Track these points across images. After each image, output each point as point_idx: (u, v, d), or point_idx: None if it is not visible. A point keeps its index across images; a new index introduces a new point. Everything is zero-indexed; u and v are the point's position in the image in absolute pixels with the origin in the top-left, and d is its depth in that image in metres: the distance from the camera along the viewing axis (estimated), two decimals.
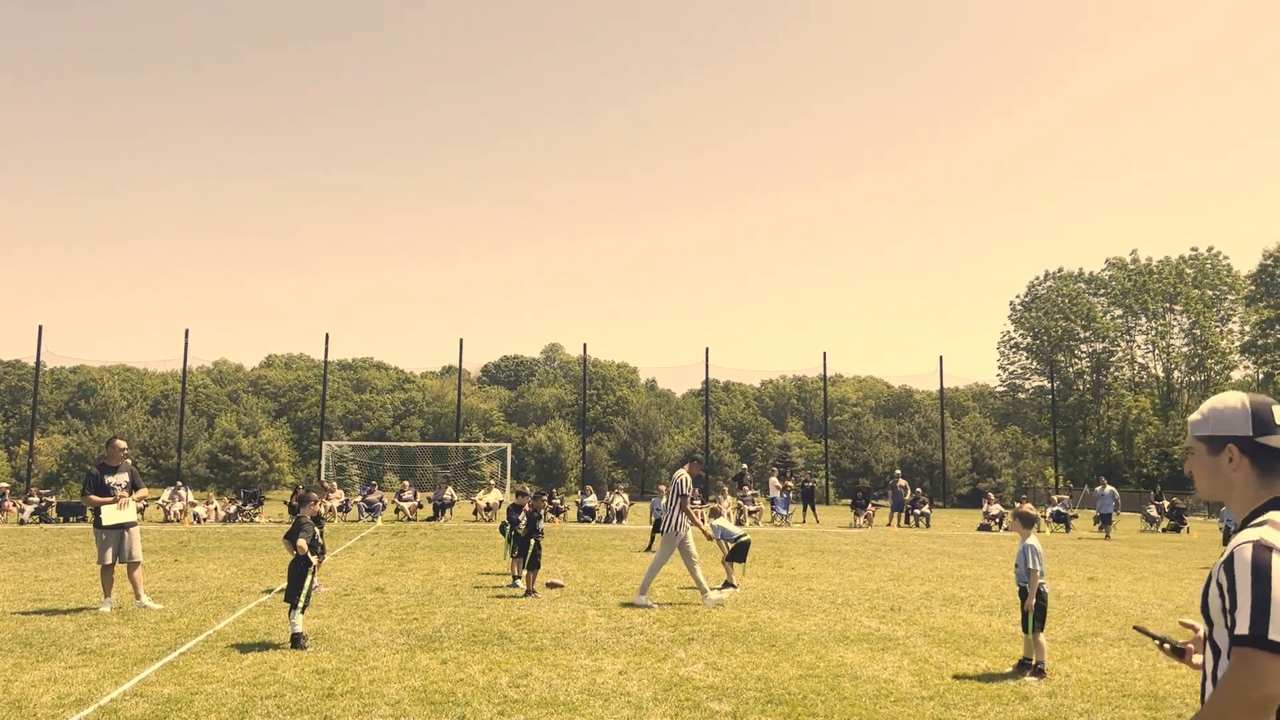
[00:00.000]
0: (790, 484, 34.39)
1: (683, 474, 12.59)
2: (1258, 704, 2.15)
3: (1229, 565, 2.25)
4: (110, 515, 11.38)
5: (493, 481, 35.33)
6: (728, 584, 13.64)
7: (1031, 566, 8.49)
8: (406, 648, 9.12)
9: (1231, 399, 2.44)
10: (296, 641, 9.00)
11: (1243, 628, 2.17)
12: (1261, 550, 2.21)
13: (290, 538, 9.42)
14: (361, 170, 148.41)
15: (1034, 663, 8.35)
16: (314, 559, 9.40)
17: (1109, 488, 29.50)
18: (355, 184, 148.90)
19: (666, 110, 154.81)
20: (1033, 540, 8.68)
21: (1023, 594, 8.59)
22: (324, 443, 42.46)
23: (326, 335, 45.24)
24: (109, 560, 11.34)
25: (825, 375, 51.52)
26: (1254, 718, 2.16)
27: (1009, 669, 8.53)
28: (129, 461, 12.02)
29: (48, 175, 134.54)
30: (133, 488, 11.65)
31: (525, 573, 13.09)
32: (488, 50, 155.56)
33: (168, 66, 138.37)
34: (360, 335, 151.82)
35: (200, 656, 8.61)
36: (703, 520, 13.32)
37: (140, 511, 12.23)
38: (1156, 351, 67.30)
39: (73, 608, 11.42)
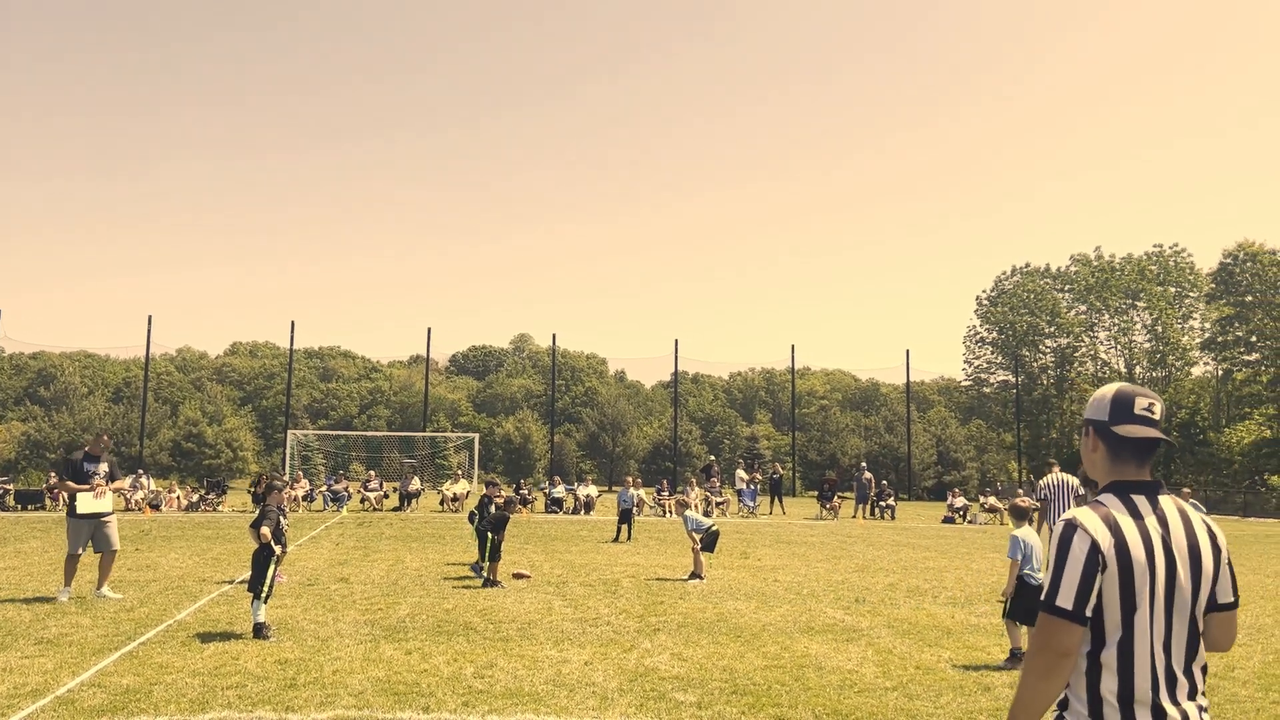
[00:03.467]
0: (758, 476, 34.50)
1: None
2: (1050, 662, 2.45)
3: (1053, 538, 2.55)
4: (86, 504, 11.32)
5: (460, 472, 35.14)
6: (695, 575, 13.66)
7: (1010, 556, 8.61)
8: (370, 638, 9.05)
9: (1106, 388, 2.70)
10: (259, 631, 8.91)
11: (1042, 594, 2.49)
12: (1069, 527, 2.50)
13: (256, 525, 9.33)
14: (329, 156, 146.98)
15: (1021, 652, 8.41)
16: (277, 548, 9.31)
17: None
18: (323, 170, 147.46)
19: (638, 99, 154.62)
20: (1020, 531, 8.77)
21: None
22: (289, 431, 42.05)
23: (292, 323, 44.81)
24: (80, 550, 11.23)
25: (793, 368, 51.75)
26: (1050, 674, 2.46)
27: (1002, 661, 8.58)
28: (110, 455, 12.00)
29: (6, 159, 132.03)
30: (110, 479, 11.61)
31: (487, 563, 13.05)
32: (455, 36, 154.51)
33: (131, 48, 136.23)
34: (327, 324, 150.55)
35: (160, 646, 8.50)
36: (671, 512, 13.32)
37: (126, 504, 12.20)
38: (1119, 347, 68.16)
39: (29, 597, 11.23)
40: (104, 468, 11.64)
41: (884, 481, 35.66)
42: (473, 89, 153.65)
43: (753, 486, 32.11)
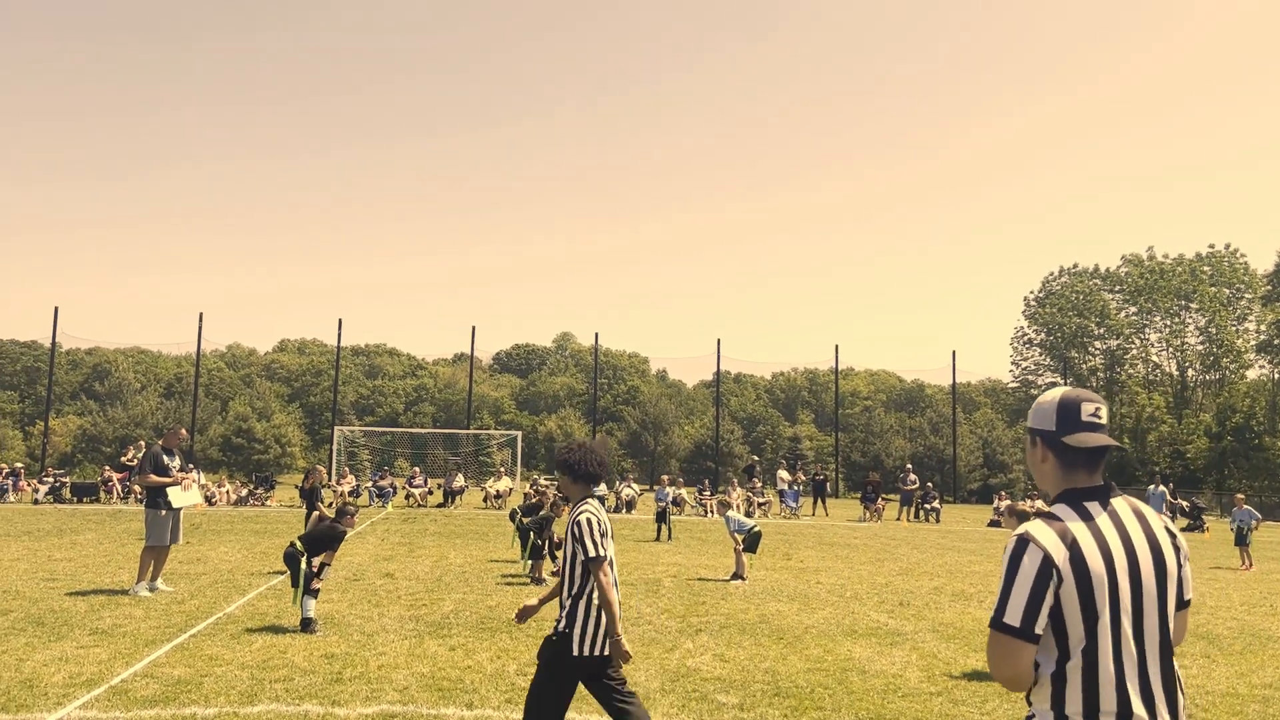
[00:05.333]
0: (800, 476, 34.32)
1: None
2: (1007, 679, 2.41)
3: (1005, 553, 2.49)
4: (179, 497, 11.59)
5: (503, 469, 35.37)
6: (737, 575, 13.63)
7: None
8: (415, 634, 9.15)
9: (1050, 395, 2.63)
10: (306, 625, 9.04)
11: (993, 611, 2.43)
12: (1020, 542, 2.43)
13: (325, 546, 9.54)
14: (377, 156, 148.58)
15: None
16: (316, 582, 9.41)
17: (1160, 488, 29.30)
18: (370, 170, 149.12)
19: (682, 100, 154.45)
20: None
21: None
22: (336, 428, 42.61)
23: (340, 320, 45.41)
24: (166, 541, 11.43)
25: (837, 368, 51.36)
26: (1010, 686, 2.42)
27: None
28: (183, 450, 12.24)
29: (63, 158, 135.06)
30: (181, 472, 11.97)
31: (529, 560, 13.14)
32: (500, 36, 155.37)
33: (182, 48, 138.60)
34: (373, 321, 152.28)
35: (210, 639, 8.65)
36: (712, 512, 13.31)
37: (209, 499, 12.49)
38: (1171, 350, 66.88)
39: (85, 588, 11.49)
40: (178, 462, 11.93)
41: (929, 484, 35.29)
42: (519, 89, 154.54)
43: (795, 487, 31.96)
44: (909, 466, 34.72)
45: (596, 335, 50.43)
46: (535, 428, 75.20)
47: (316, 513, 13.82)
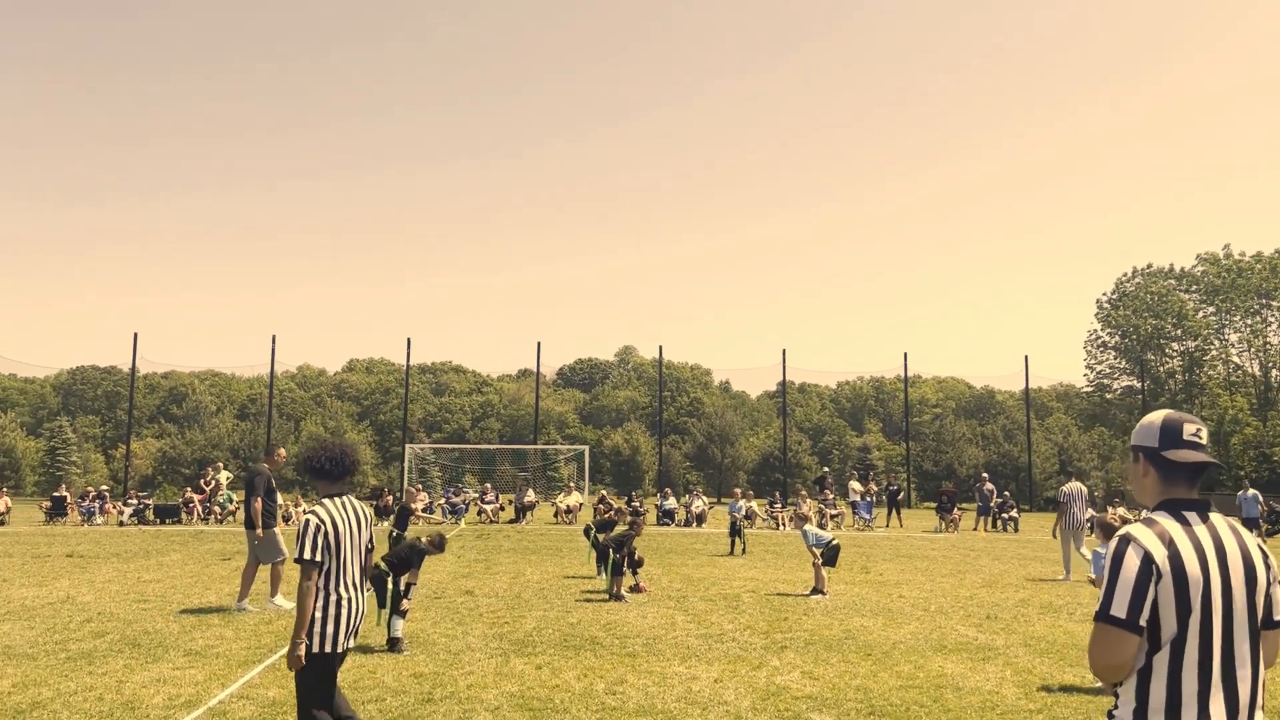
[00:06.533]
0: (872, 487, 33.85)
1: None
2: (1109, 668, 2.63)
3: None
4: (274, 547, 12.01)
5: (571, 484, 35.49)
6: (817, 590, 13.44)
7: (1095, 574, 8.41)
8: (500, 652, 9.16)
9: (1154, 416, 2.86)
10: (393, 645, 9.10)
11: (1097, 606, 2.65)
12: (1123, 541, 2.66)
13: (409, 565, 9.64)
14: (439, 178, 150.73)
15: None
16: (407, 603, 9.52)
17: (1252, 490, 28.40)
18: (432, 192, 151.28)
19: (744, 111, 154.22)
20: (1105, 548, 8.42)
21: None
22: (407, 446, 43.17)
23: (409, 340, 46.03)
24: (282, 556, 11.87)
25: (906, 376, 50.66)
26: (1109, 676, 2.66)
27: None
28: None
29: (142, 186, 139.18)
30: None
31: (609, 577, 13.10)
32: (561, 57, 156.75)
33: (248, 68, 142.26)
34: (438, 339, 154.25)
35: None
36: (788, 525, 13.17)
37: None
38: (1252, 350, 64.77)
39: (175, 609, 11.72)
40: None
41: (1006, 492, 34.57)
42: (580, 106, 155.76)
43: (868, 499, 31.53)
44: (985, 475, 34.03)
45: (660, 349, 50.29)
46: (600, 441, 75.36)
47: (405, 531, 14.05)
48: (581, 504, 32.02)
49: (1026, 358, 46.94)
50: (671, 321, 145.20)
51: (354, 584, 5.21)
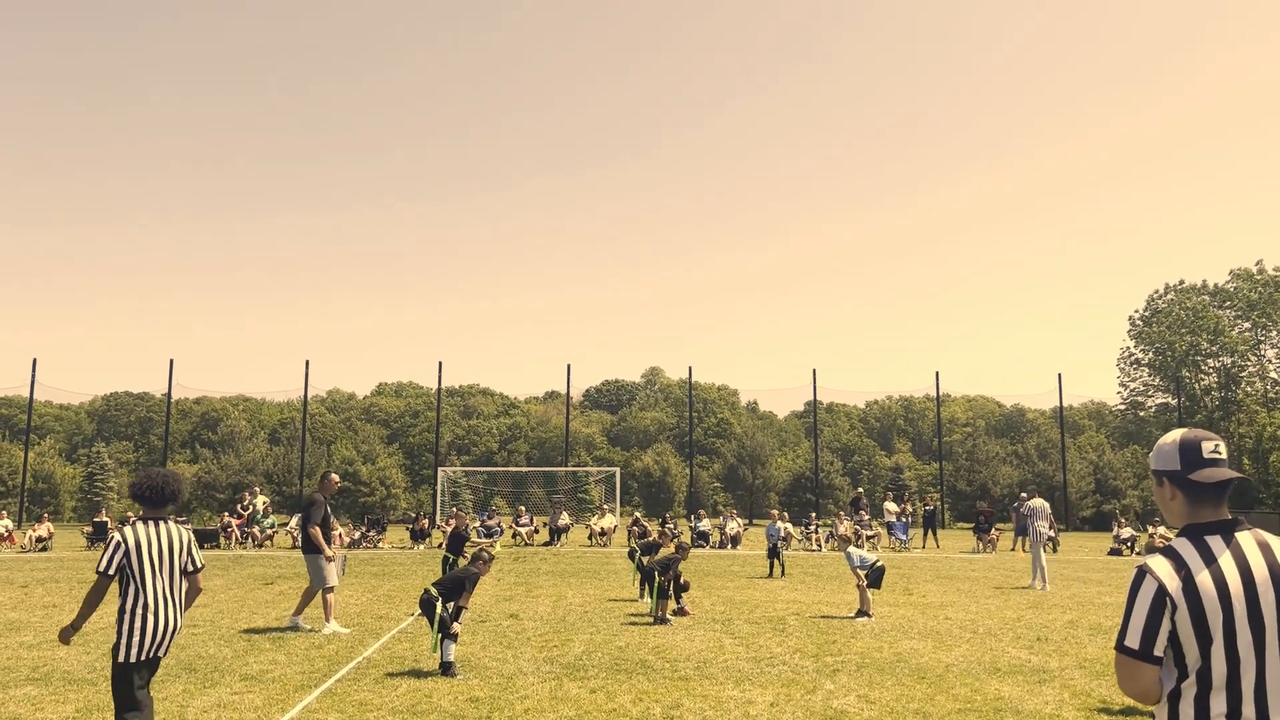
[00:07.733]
0: (908, 507, 33.62)
1: None
2: (1135, 694, 2.69)
3: None
4: (332, 573, 12.24)
5: (605, 506, 35.48)
6: (863, 612, 13.36)
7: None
8: (553, 675, 9.17)
9: (1169, 438, 2.85)
10: (446, 669, 9.14)
11: (1117, 634, 2.72)
12: (1139, 573, 2.73)
13: (460, 590, 9.70)
14: (464, 203, 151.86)
15: None
16: (457, 626, 9.58)
17: None
18: (458, 217, 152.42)
19: (769, 129, 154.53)
20: None
21: None
22: (439, 469, 43.34)
23: (440, 363, 46.32)
24: (334, 582, 12.14)
25: (938, 395, 50.37)
26: (1139, 701, 2.71)
27: None
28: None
29: (173, 211, 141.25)
30: None
31: (654, 600, 13.09)
32: (586, 75, 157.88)
33: (274, 97, 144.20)
34: (466, 362, 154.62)
35: (355, 684, 8.80)
36: (833, 548, 13.12)
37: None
38: None
39: (226, 633, 11.81)
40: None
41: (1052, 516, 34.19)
42: (604, 127, 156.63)
43: (904, 519, 31.30)
44: (1023, 495, 33.64)
45: (690, 369, 50.33)
46: (629, 463, 75.28)
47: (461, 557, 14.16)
48: (615, 526, 31.98)
49: (1060, 375, 46.76)
50: (697, 342, 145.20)
51: (159, 600, 5.54)
